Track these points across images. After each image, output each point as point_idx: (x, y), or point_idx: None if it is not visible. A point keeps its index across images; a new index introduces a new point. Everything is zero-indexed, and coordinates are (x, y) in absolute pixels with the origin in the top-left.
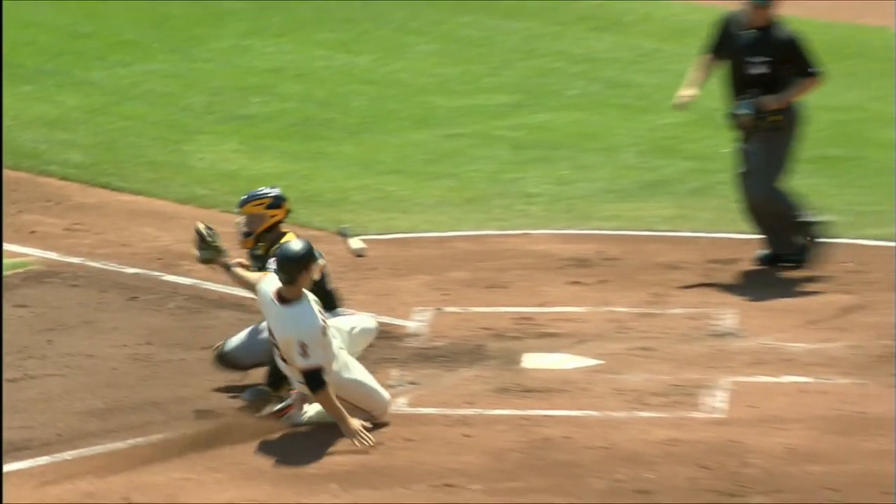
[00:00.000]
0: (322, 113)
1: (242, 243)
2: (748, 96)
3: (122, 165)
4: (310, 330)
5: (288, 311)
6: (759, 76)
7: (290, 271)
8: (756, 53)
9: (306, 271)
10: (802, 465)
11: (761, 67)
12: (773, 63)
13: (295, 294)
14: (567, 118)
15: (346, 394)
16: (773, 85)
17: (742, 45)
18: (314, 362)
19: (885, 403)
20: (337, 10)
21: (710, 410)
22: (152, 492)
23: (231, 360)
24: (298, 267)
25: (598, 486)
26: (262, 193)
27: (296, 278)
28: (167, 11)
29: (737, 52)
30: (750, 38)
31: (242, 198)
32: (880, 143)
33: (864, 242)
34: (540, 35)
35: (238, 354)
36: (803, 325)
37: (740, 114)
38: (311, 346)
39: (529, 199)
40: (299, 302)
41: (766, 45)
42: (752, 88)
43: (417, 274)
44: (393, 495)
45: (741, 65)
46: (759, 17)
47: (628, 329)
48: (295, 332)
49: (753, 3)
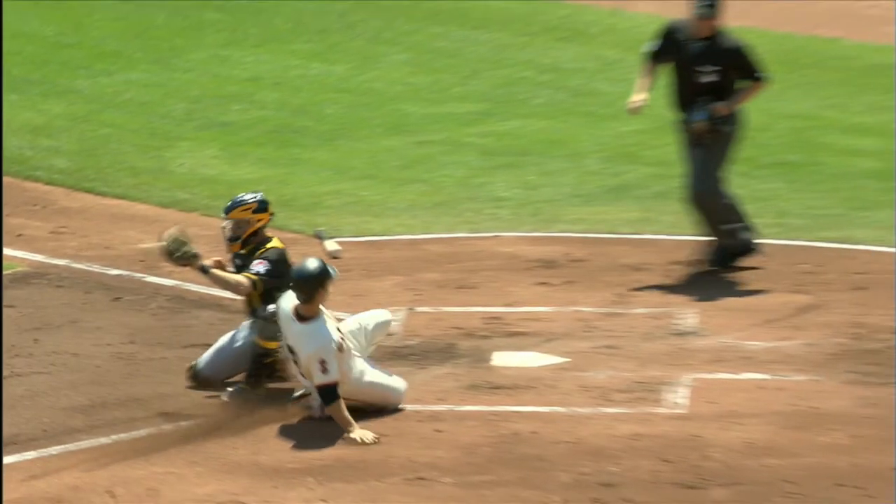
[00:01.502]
0: (298, 120)
1: (229, 248)
2: (701, 104)
3: (105, 171)
4: (328, 346)
5: (307, 328)
6: (709, 84)
7: (307, 290)
8: (705, 63)
9: (323, 289)
10: (760, 459)
11: (711, 76)
12: (723, 71)
13: (312, 312)
14: (534, 126)
15: (366, 396)
16: (721, 91)
17: (691, 56)
18: (331, 378)
19: (839, 399)
20: (312, 21)
21: (672, 406)
22: (135, 485)
23: (204, 379)
24: (315, 286)
25: (564, 479)
26: (248, 199)
27: (313, 297)
28: (149, 23)
29: (686, 62)
30: (698, 49)
31: (228, 204)
32: (835, 149)
33: (819, 245)
34: (508, 46)
35: (208, 373)
36: (761, 324)
37: (696, 121)
38: (330, 362)
39: (498, 204)
40: (316, 319)
41: (714, 55)
42: (703, 96)
43: (390, 275)
44: (367, 488)
45: (691, 74)
46: (705, 28)
47: (593, 328)
48: (314, 350)
49: (699, 15)
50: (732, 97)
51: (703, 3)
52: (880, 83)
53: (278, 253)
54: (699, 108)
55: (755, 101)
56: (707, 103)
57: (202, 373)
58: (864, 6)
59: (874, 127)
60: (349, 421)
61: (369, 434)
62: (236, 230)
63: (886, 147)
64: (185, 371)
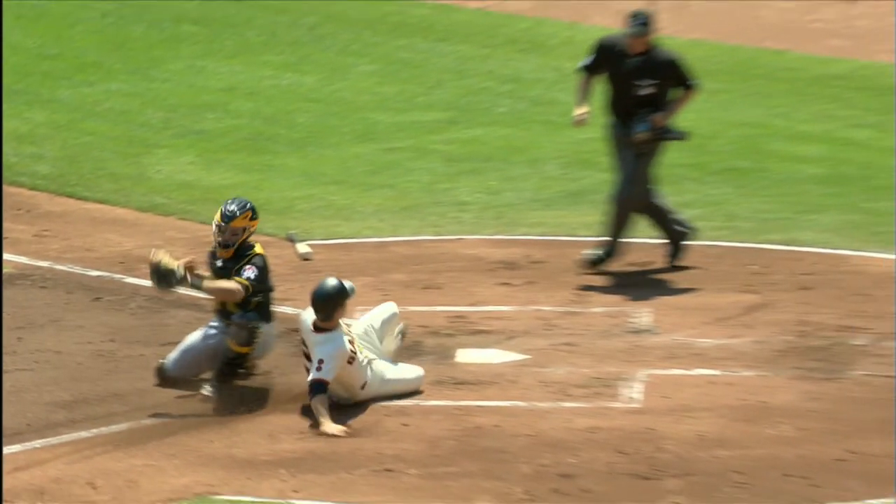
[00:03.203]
0: (271, 128)
1: (222, 253)
2: (641, 115)
3: (86, 177)
4: (333, 353)
5: (322, 338)
6: (647, 96)
7: (326, 309)
8: (643, 77)
9: (341, 308)
10: (711, 450)
11: (649, 89)
12: (660, 83)
13: (331, 326)
14: (496, 133)
15: (388, 391)
16: (658, 102)
17: (628, 71)
18: (323, 377)
19: (785, 394)
20: (284, 34)
21: (628, 401)
22: (115, 477)
23: (171, 377)
24: (334, 305)
25: (524, 470)
26: (245, 206)
27: (331, 316)
28: (128, 35)
29: (624, 77)
30: (635, 64)
31: (227, 212)
32: (782, 156)
33: (767, 247)
34: (471, 57)
35: (176, 372)
36: (712, 322)
37: (639, 132)
38: (327, 363)
39: (462, 208)
40: (333, 332)
41: (651, 69)
42: (642, 108)
43: (359, 276)
44: (337, 480)
45: (629, 87)
46: (640, 45)
47: (553, 326)
48: (320, 353)
49: (633, 34)
50: (669, 107)
51: (637, 22)
52: (825, 93)
53: (264, 259)
54: (640, 119)
55: (707, 111)
56: (647, 115)
57: (170, 371)
58: (809, 20)
59: (819, 135)
60: (325, 415)
61: (340, 427)
62: (233, 237)
63: (830, 154)
64: (153, 370)
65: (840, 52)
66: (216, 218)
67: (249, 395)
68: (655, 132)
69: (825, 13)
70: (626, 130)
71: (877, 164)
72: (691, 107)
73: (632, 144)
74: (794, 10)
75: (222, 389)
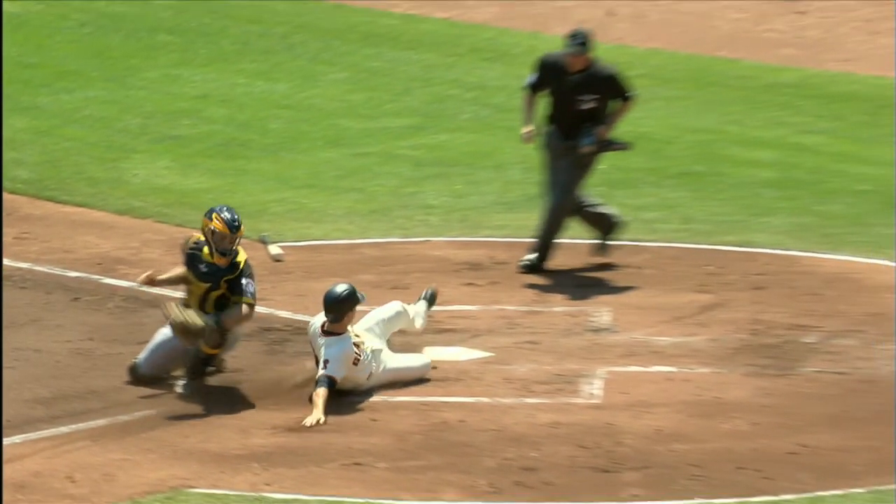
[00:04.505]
0: (244, 134)
1: (220, 260)
2: (585, 129)
3: (65, 181)
4: (339, 355)
5: (330, 341)
6: (589, 110)
7: (336, 312)
8: (585, 92)
9: (351, 313)
10: (668, 444)
11: (591, 103)
12: (600, 98)
13: (339, 329)
14: (461, 139)
15: (392, 379)
16: (599, 115)
17: (570, 87)
18: (330, 373)
19: (739, 390)
20: (257, 42)
21: (588, 396)
22: (92, 471)
23: (143, 375)
24: (345, 309)
25: (489, 463)
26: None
27: (341, 318)
28: (105, 45)
29: (566, 93)
30: (576, 80)
31: (235, 221)
32: (736, 160)
33: (721, 248)
34: (437, 65)
35: (148, 370)
36: (669, 321)
37: (584, 145)
38: (332, 364)
39: (428, 211)
40: (340, 336)
41: (592, 85)
42: (584, 122)
43: (329, 277)
44: (308, 473)
45: (572, 103)
46: (580, 62)
47: (516, 325)
48: (326, 354)
49: (573, 53)
50: (610, 119)
51: (576, 42)
52: (776, 100)
53: (252, 267)
54: (585, 133)
55: (664, 118)
56: (590, 128)
57: (143, 370)
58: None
59: (771, 140)
60: (318, 408)
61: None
62: (234, 245)
63: (782, 159)
64: (126, 370)
65: (791, 61)
66: (218, 226)
67: (222, 392)
68: (600, 144)
69: (777, 23)
70: (566, 142)
71: (827, 168)
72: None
73: (571, 154)
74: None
75: (196, 386)
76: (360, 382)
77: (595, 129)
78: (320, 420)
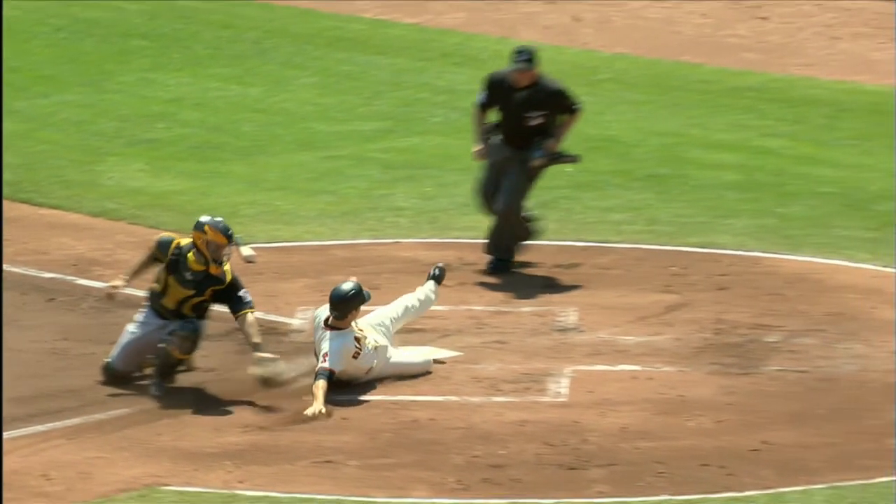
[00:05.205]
0: (217, 137)
1: (215, 269)
2: (536, 143)
3: (41, 184)
4: (339, 349)
5: (331, 334)
6: (537, 126)
7: (342, 309)
8: (532, 109)
9: (355, 311)
10: (633, 442)
11: (539, 119)
12: (548, 113)
13: (343, 325)
14: (431, 142)
15: (394, 372)
16: (548, 129)
17: (518, 104)
18: (329, 366)
19: (703, 388)
20: (229, 47)
21: (555, 395)
22: (68, 468)
23: (116, 372)
24: (350, 306)
25: (457, 461)
26: None
27: (345, 315)
28: (80, 49)
29: (514, 110)
30: (524, 97)
31: (231, 230)
32: (699, 163)
33: (686, 249)
34: (407, 70)
35: (121, 367)
36: (634, 320)
37: (535, 158)
38: (332, 357)
39: (398, 213)
40: (342, 331)
41: (539, 101)
42: (534, 136)
43: (300, 278)
44: (280, 470)
45: (520, 119)
46: (526, 78)
47: (484, 325)
48: (326, 347)
49: (518, 69)
50: (557, 132)
51: (521, 58)
52: (739, 104)
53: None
54: (535, 147)
55: (629, 121)
56: (540, 142)
57: (116, 367)
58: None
59: (733, 143)
60: (318, 400)
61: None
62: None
63: (745, 162)
64: (98, 369)
65: (753, 66)
66: (215, 237)
67: (196, 391)
68: (550, 157)
69: (739, 29)
70: (516, 152)
71: (788, 171)
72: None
73: (520, 165)
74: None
75: (168, 386)
76: (358, 376)
77: (545, 142)
78: (321, 410)
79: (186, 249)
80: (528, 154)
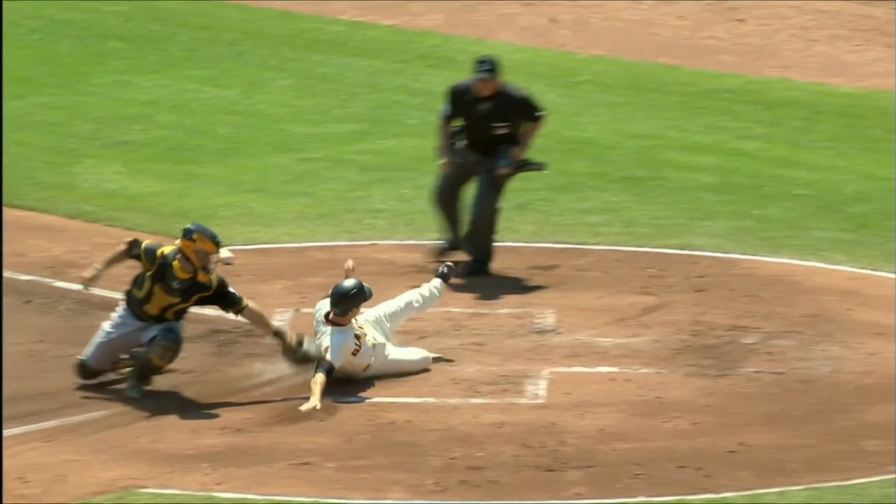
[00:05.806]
0: (193, 139)
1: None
2: (501, 152)
3: (16, 185)
4: (339, 345)
5: (332, 329)
6: (502, 135)
7: (343, 306)
8: (497, 119)
9: (356, 308)
10: (611, 443)
11: (503, 129)
12: (513, 122)
13: (343, 322)
14: (407, 144)
15: (392, 370)
16: (513, 137)
17: (482, 114)
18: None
19: (681, 389)
20: (206, 49)
21: (533, 397)
22: (44, 471)
23: (91, 370)
24: (351, 304)
25: (435, 463)
26: None
27: (346, 312)
28: (56, 51)
29: (478, 120)
30: (488, 107)
31: (216, 236)
32: (677, 165)
33: (663, 251)
34: (383, 71)
35: (95, 365)
36: (612, 322)
37: (501, 166)
38: (332, 352)
39: (375, 215)
40: (343, 328)
41: (503, 111)
42: (499, 145)
43: (278, 280)
44: (257, 473)
45: (485, 129)
46: (489, 88)
47: (462, 327)
48: (326, 342)
49: (481, 79)
50: (522, 139)
51: (483, 68)
52: (715, 106)
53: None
54: (501, 155)
55: (607, 123)
56: (505, 151)
57: (90, 365)
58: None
59: (710, 145)
60: (315, 395)
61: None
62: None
63: (722, 164)
64: (72, 368)
65: (729, 68)
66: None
67: (173, 393)
68: (516, 166)
69: (716, 31)
70: (482, 158)
71: (765, 173)
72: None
73: (487, 172)
74: (687, 28)
75: (145, 389)
76: (356, 372)
77: (510, 151)
78: (316, 406)
79: (171, 258)
80: (493, 162)
